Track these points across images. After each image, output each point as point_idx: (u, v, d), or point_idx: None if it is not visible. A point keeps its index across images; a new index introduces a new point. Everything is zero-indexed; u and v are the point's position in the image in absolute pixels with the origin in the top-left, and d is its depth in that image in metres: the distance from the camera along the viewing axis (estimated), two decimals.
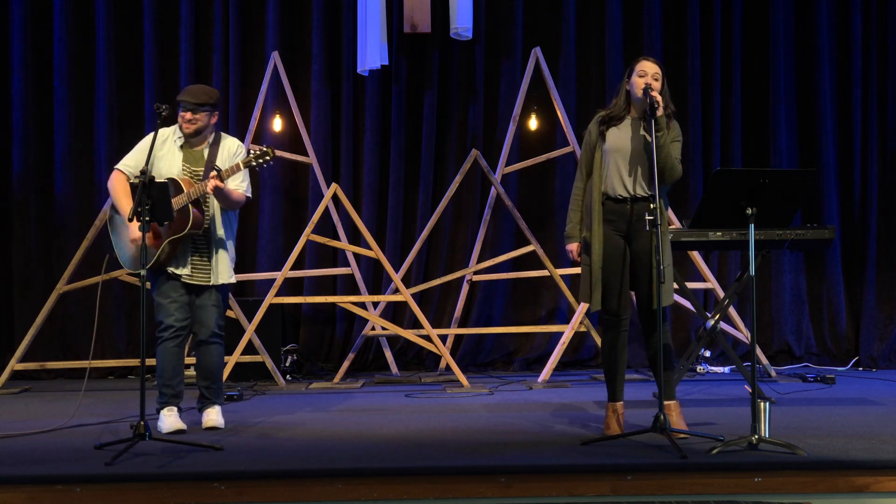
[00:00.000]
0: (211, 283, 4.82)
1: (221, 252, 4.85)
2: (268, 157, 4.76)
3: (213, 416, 4.90)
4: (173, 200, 4.58)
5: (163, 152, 4.82)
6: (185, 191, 4.69)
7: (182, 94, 4.85)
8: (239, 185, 4.86)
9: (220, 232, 4.85)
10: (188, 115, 4.80)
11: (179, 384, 4.85)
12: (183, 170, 4.81)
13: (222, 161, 4.84)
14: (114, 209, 4.88)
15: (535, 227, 7.54)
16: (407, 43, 7.81)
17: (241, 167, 4.76)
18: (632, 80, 4.48)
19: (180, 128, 4.85)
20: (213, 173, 4.69)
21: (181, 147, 4.86)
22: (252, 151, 4.80)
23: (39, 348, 7.28)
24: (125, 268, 4.94)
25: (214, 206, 4.83)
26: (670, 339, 4.60)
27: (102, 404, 5.94)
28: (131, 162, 4.87)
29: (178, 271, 4.77)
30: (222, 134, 4.97)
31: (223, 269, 4.85)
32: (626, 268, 4.49)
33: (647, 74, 4.43)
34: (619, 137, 4.48)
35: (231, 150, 4.90)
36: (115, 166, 4.91)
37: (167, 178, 4.68)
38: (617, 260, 4.47)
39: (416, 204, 7.84)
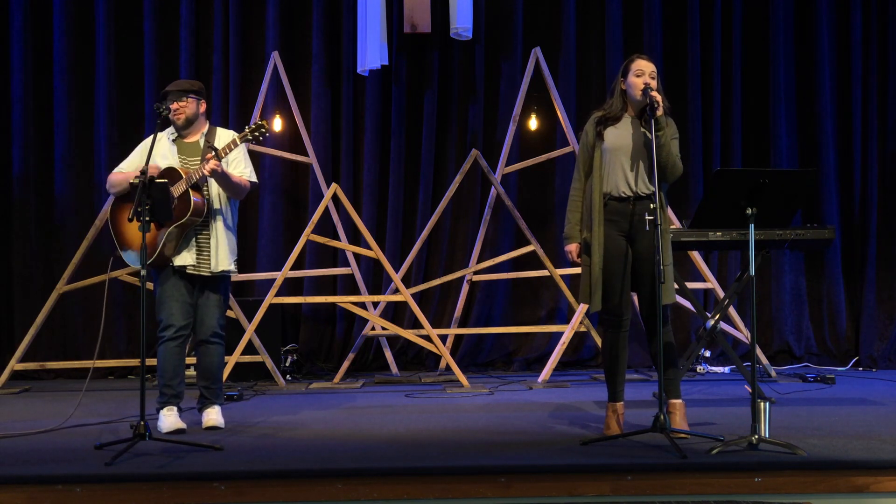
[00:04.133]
0: (212, 272, 4.78)
1: (222, 239, 4.81)
2: (263, 130, 4.74)
3: (213, 416, 4.90)
4: (172, 189, 4.59)
5: (159, 150, 4.81)
6: (184, 177, 4.70)
7: (166, 88, 4.91)
8: (242, 172, 4.87)
9: (220, 219, 4.83)
10: (174, 105, 4.83)
11: (180, 384, 4.84)
12: (180, 161, 4.82)
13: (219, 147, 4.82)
14: (119, 201, 4.85)
15: (535, 227, 7.54)
16: (407, 43, 7.82)
17: (238, 143, 4.76)
18: (628, 79, 4.47)
19: (174, 124, 4.88)
20: (210, 154, 4.68)
21: (174, 141, 4.87)
22: (247, 127, 4.79)
23: (39, 348, 7.29)
24: (132, 266, 4.95)
25: (213, 193, 4.81)
26: (672, 338, 4.58)
27: (102, 404, 5.94)
28: (126, 165, 4.90)
29: (182, 262, 4.75)
30: (217, 128, 4.98)
31: (223, 256, 4.81)
32: (628, 268, 4.47)
33: (644, 73, 4.42)
34: (619, 136, 4.46)
35: (225, 140, 4.88)
36: (113, 170, 4.94)
37: (166, 167, 4.70)
38: (618, 260, 4.45)
39: (416, 204, 7.84)
